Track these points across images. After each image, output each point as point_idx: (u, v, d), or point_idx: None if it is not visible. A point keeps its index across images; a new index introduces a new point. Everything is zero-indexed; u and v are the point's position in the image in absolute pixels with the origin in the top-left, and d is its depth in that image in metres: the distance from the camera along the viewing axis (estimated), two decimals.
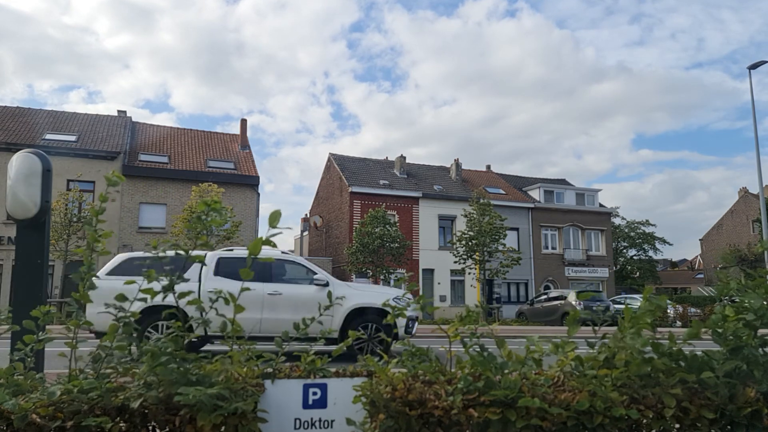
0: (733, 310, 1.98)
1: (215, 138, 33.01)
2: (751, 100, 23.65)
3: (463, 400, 1.70)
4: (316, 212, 38.85)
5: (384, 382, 1.79)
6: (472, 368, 1.83)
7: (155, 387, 1.70)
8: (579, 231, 38.42)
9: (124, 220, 26.52)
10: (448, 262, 31.08)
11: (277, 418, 1.85)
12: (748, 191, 55.49)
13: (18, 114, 28.24)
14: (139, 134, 30.39)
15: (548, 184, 39.57)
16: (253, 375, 1.86)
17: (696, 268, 69.68)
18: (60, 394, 1.66)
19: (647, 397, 1.78)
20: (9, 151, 24.16)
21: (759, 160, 22.78)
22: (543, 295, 27.37)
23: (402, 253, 27.06)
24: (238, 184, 28.72)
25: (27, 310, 2.13)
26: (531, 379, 1.81)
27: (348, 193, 32.03)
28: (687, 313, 23.21)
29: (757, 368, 1.88)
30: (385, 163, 37.64)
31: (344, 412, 1.90)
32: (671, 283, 64.20)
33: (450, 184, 36.51)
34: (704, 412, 1.78)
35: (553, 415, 1.69)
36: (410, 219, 33.03)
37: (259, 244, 1.80)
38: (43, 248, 2.81)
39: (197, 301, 1.90)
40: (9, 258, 23.80)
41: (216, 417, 1.64)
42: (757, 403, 1.80)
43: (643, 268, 55.88)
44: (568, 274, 37.10)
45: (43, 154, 2.85)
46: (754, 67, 22.99)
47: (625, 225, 56.87)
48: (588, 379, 1.82)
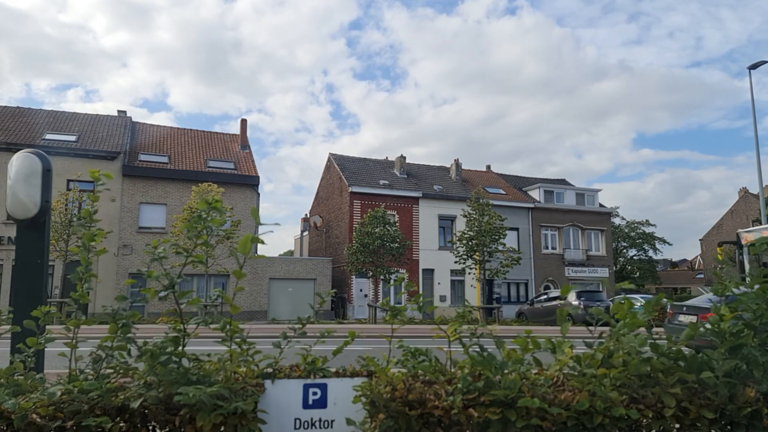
0: (729, 309, 1.99)
1: (215, 138, 33.01)
2: (751, 100, 23.67)
3: (463, 400, 1.70)
4: (316, 212, 38.84)
5: (384, 382, 1.79)
6: (471, 368, 1.83)
7: (155, 387, 1.70)
8: (579, 231, 38.41)
9: (124, 220, 26.51)
10: (448, 262, 31.07)
11: (277, 418, 1.85)
12: (748, 191, 55.50)
13: (18, 114, 28.23)
14: (139, 134, 30.38)
15: (548, 184, 39.55)
16: (253, 375, 1.86)
17: (696, 268, 69.67)
18: (60, 394, 1.66)
19: (647, 397, 1.78)
20: (9, 151, 24.14)
21: (759, 160, 22.78)
22: (543, 295, 27.34)
23: (402, 253, 27.04)
24: (238, 184, 28.71)
25: (27, 310, 2.13)
26: (531, 379, 1.81)
27: (348, 193, 32.02)
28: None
29: (757, 368, 1.88)
30: (385, 163, 37.63)
31: (344, 412, 1.90)
32: (671, 283, 64.22)
33: (450, 184, 36.50)
34: (704, 412, 1.78)
35: (553, 415, 1.69)
36: (410, 219, 33.02)
37: (248, 242, 1.80)
38: (43, 248, 2.81)
39: (197, 300, 1.90)
40: (9, 258, 23.78)
41: (216, 417, 1.64)
42: (757, 403, 1.80)
43: (643, 268, 55.89)
44: (568, 274, 37.08)
45: (43, 154, 2.85)
46: (754, 67, 22.98)
47: (625, 225, 56.89)
48: (587, 378, 1.82)
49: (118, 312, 1.89)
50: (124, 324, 1.88)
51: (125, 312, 1.92)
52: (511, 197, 36.82)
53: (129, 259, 26.09)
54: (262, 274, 28.32)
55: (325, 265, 30.27)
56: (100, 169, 2.20)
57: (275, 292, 28.56)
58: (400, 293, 28.93)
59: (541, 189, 37.99)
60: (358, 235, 26.84)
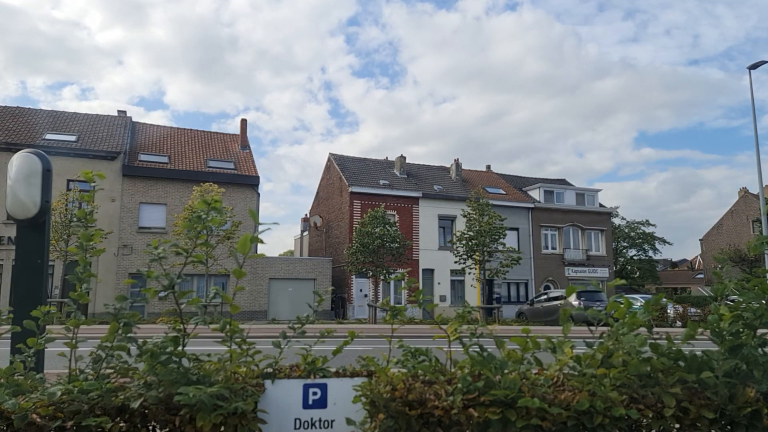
0: (729, 309, 1.98)
1: (215, 138, 33.01)
2: (751, 100, 23.67)
3: (463, 400, 1.70)
4: (316, 212, 38.84)
5: (384, 382, 1.79)
6: (471, 368, 1.83)
7: (155, 387, 1.70)
8: (579, 231, 38.42)
9: (124, 220, 26.52)
10: (448, 262, 31.07)
11: (277, 418, 1.85)
12: (748, 191, 55.50)
13: (18, 114, 28.24)
14: (139, 134, 30.38)
15: (548, 184, 39.56)
16: (253, 375, 1.86)
17: (696, 268, 69.69)
18: (60, 394, 1.66)
19: (647, 397, 1.78)
20: (9, 151, 24.15)
21: (759, 160, 22.79)
22: (543, 295, 27.33)
23: (402, 253, 27.03)
24: (238, 184, 28.72)
25: (27, 310, 2.13)
26: (531, 379, 1.81)
27: (348, 193, 32.02)
28: (687, 313, 23.21)
29: (757, 368, 1.88)
30: (385, 163, 37.64)
31: (344, 412, 1.90)
32: (671, 283, 64.22)
33: (450, 184, 36.51)
34: (704, 412, 1.78)
35: (553, 415, 1.69)
36: (410, 219, 33.02)
37: (248, 241, 1.80)
38: (43, 248, 2.81)
39: (197, 300, 1.90)
40: (9, 258, 23.79)
41: (216, 417, 1.64)
42: (756, 403, 1.80)
43: (643, 268, 55.88)
44: (568, 274, 37.08)
45: (43, 154, 2.85)
46: (754, 67, 22.99)
47: (625, 225, 56.90)
48: (587, 378, 1.82)
49: (121, 311, 1.89)
50: (125, 323, 1.88)
51: (126, 312, 1.92)
52: (511, 197, 36.82)
53: (129, 259, 26.09)
54: (262, 274, 28.33)
55: (325, 265, 30.27)
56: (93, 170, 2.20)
57: (275, 292, 28.57)
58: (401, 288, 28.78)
59: (541, 189, 37.99)
60: (358, 235, 26.84)
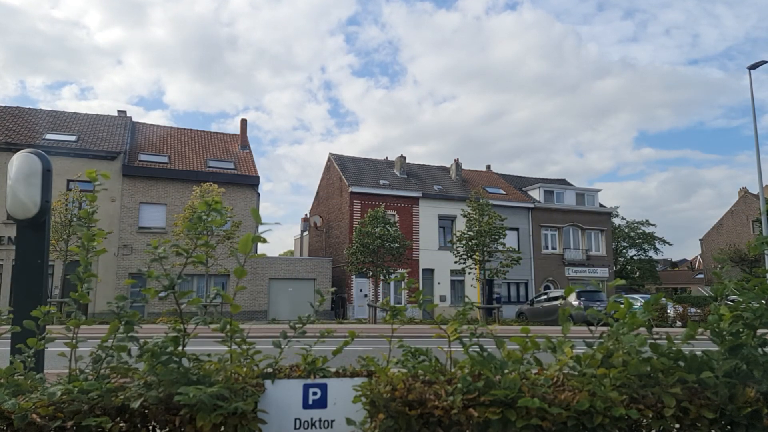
0: (729, 309, 1.98)
1: (215, 138, 33.01)
2: (751, 99, 23.67)
3: (463, 400, 1.70)
4: (316, 212, 38.84)
5: (384, 382, 1.79)
6: (471, 368, 1.83)
7: (155, 387, 1.70)
8: (579, 231, 38.41)
9: (124, 220, 26.52)
10: (448, 262, 31.07)
11: (277, 418, 1.85)
12: (748, 191, 55.49)
13: (18, 114, 28.23)
14: (139, 134, 30.38)
15: (548, 184, 39.56)
16: (253, 375, 1.86)
17: (696, 268, 69.68)
18: (60, 394, 1.66)
19: (647, 397, 1.78)
20: (9, 151, 24.15)
21: (759, 160, 22.79)
22: (543, 295, 27.32)
23: (402, 253, 27.03)
24: (238, 184, 28.72)
25: (27, 310, 2.13)
26: (531, 379, 1.81)
27: (348, 193, 32.02)
28: (687, 313, 23.21)
29: (757, 368, 1.88)
30: (385, 163, 37.64)
31: (344, 412, 1.90)
32: (671, 283, 64.21)
33: (450, 184, 36.51)
34: (704, 412, 1.78)
35: (553, 415, 1.69)
36: (410, 219, 33.02)
37: (249, 241, 1.80)
38: (43, 248, 2.81)
39: (197, 300, 1.90)
40: (9, 258, 23.79)
41: (216, 417, 1.64)
42: (757, 403, 1.80)
43: (643, 268, 55.89)
44: (568, 274, 37.08)
45: (43, 154, 2.85)
46: (754, 67, 22.99)
47: (625, 225, 56.90)
48: (587, 378, 1.82)
49: (123, 309, 1.89)
50: (127, 321, 1.88)
51: (127, 311, 1.92)
52: (511, 197, 36.82)
53: (129, 259, 26.09)
54: (262, 274, 28.32)
55: (325, 265, 30.27)
56: (97, 170, 2.20)
57: (275, 292, 28.57)
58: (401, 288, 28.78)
59: (541, 189, 37.99)
60: (358, 235, 26.84)
